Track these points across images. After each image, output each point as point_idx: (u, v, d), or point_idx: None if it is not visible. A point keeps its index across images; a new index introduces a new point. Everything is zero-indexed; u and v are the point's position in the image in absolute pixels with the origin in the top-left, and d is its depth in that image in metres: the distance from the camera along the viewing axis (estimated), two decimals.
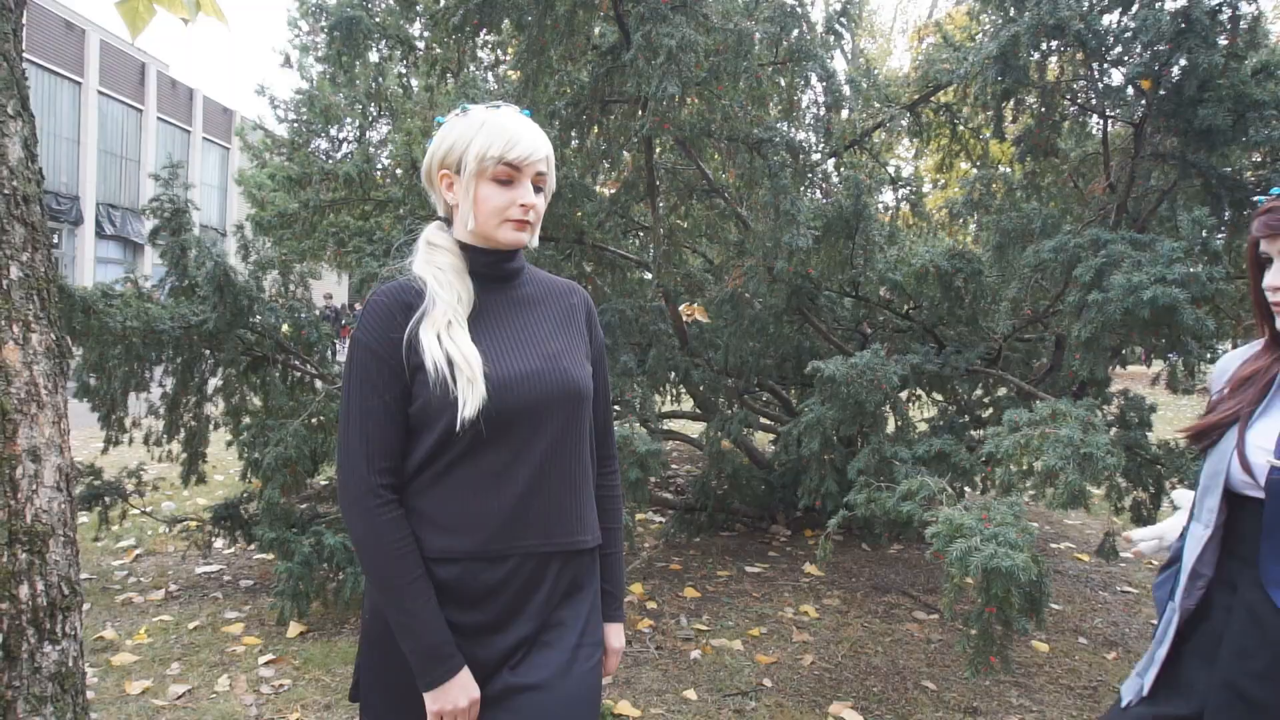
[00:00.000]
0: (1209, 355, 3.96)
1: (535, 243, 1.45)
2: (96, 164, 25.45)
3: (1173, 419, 10.34)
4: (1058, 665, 3.69)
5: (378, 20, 6.73)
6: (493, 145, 1.36)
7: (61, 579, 1.95)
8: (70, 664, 1.96)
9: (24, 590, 1.86)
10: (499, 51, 7.24)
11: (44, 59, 23.08)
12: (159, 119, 28.49)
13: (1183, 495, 1.58)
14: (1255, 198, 3.36)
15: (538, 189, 1.43)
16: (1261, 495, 1.29)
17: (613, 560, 1.58)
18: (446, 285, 1.38)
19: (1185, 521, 1.50)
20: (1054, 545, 5.64)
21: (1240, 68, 3.38)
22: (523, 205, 1.39)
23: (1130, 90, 3.66)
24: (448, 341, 1.33)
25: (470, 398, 1.30)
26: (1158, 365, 5.01)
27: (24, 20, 2.25)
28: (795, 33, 3.95)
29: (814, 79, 4.27)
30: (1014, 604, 2.18)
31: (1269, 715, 1.30)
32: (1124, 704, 1.49)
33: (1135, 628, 4.18)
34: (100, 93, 25.52)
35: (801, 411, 3.73)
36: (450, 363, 1.31)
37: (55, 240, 23.83)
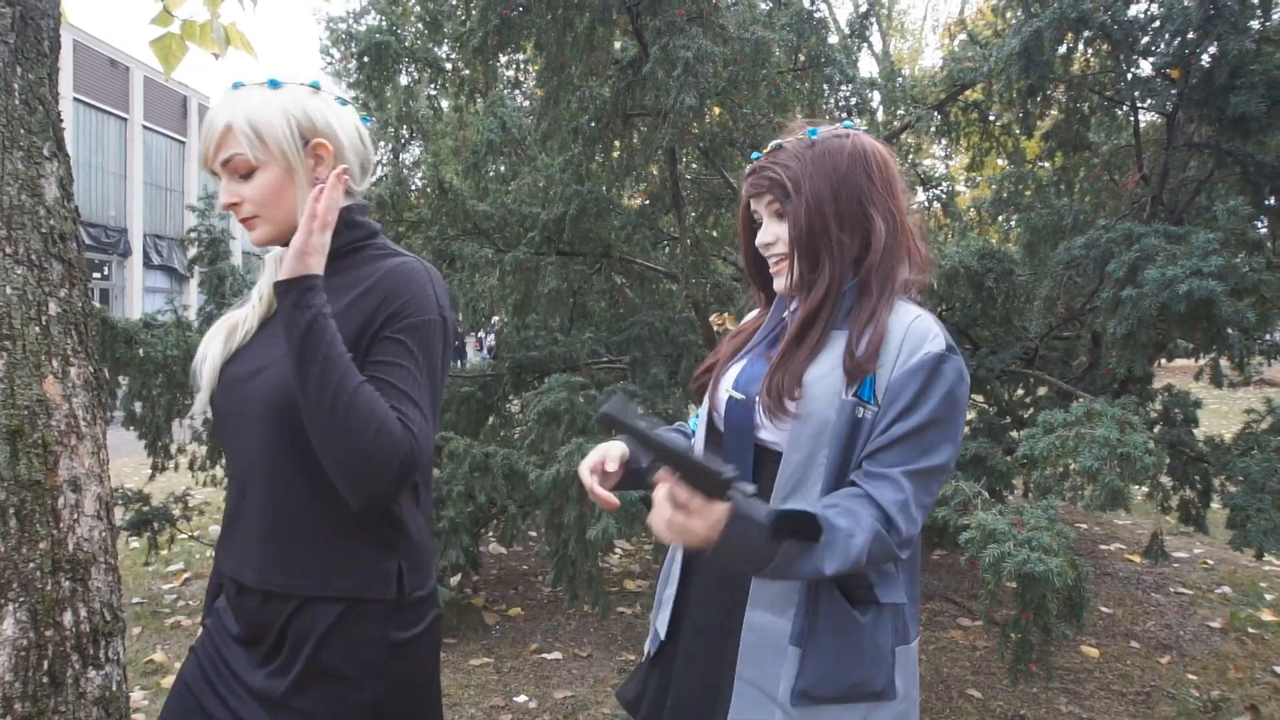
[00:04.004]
0: (1257, 347, 3.85)
1: (262, 236, 1.32)
2: (143, 196, 26.19)
3: (1226, 413, 10.05)
4: (1109, 671, 3.60)
5: (406, 44, 6.85)
6: None
7: (104, 605, 2.01)
8: (114, 689, 2.00)
9: (67, 617, 1.92)
10: (524, 69, 7.32)
11: (91, 97, 23.84)
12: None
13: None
14: None
15: (247, 174, 1.28)
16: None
17: None
18: (259, 282, 1.41)
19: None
20: (1104, 547, 5.51)
21: (1273, 53, 3.29)
22: (224, 205, 1.32)
23: (1160, 80, 3.58)
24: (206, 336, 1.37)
25: (199, 396, 1.34)
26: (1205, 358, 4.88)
27: (59, 65, 2.33)
28: (814, 39, 3.93)
29: (836, 84, 4.25)
30: (1051, 609, 2.13)
31: (707, 636, 1.34)
32: (647, 655, 1.48)
33: (1190, 630, 4.06)
34: (145, 127, 26.28)
35: None
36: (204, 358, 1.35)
37: (105, 272, 24.56)
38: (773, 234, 1.34)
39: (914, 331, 1.22)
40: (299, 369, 1.16)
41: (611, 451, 1.41)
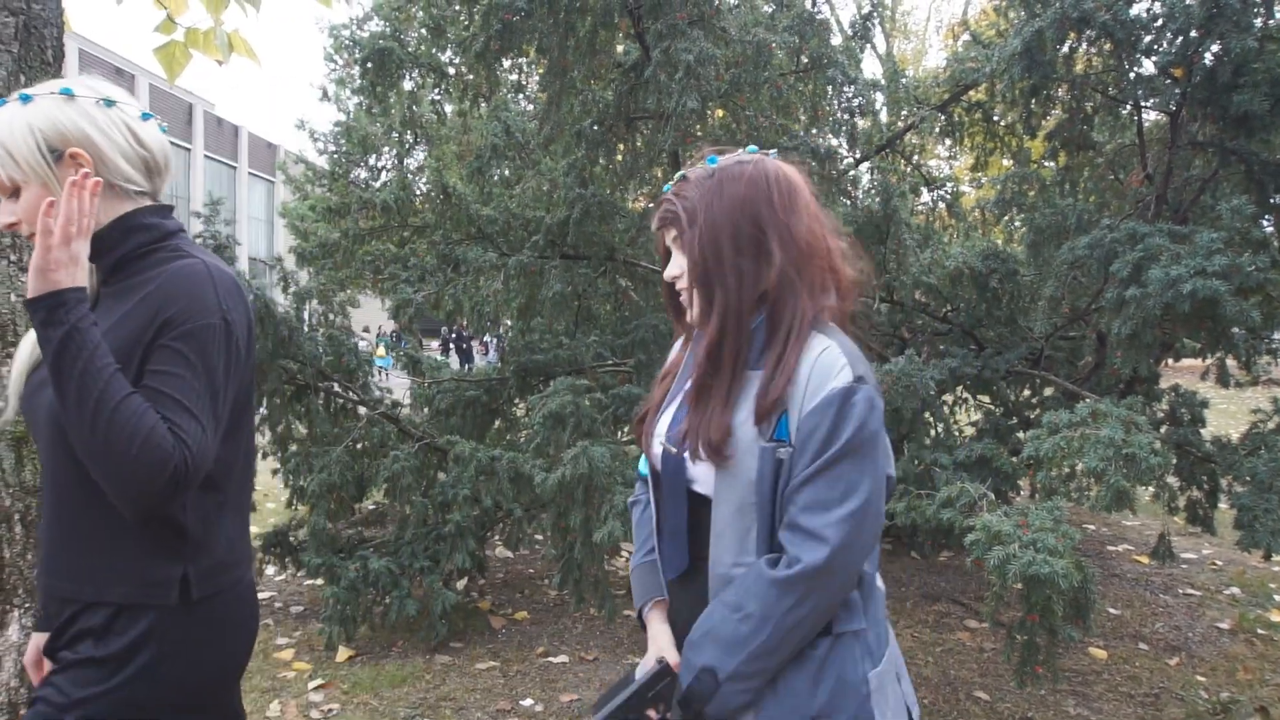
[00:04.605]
0: (1264, 346, 3.83)
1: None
2: None
3: (1234, 413, 10.01)
4: (1117, 672, 3.58)
5: (410, 50, 6.87)
6: None
7: None
8: None
9: None
10: (526, 74, 7.33)
11: None
12: (206, 156, 29.37)
13: None
14: None
15: (14, 193, 1.27)
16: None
17: None
18: None
19: None
20: (1111, 548, 5.49)
21: (1276, 51, 3.28)
22: (4, 225, 1.29)
23: (1163, 79, 3.57)
24: None
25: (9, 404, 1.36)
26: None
27: (64, 73, 2.34)
28: (815, 40, 3.93)
29: (838, 85, 4.24)
30: (1057, 611, 2.12)
31: None
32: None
33: (1199, 632, 4.04)
34: None
35: None
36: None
37: None
38: (678, 267, 1.32)
39: (820, 366, 1.20)
40: (56, 385, 1.16)
41: None
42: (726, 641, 1.20)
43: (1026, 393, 5.08)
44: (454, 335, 23.27)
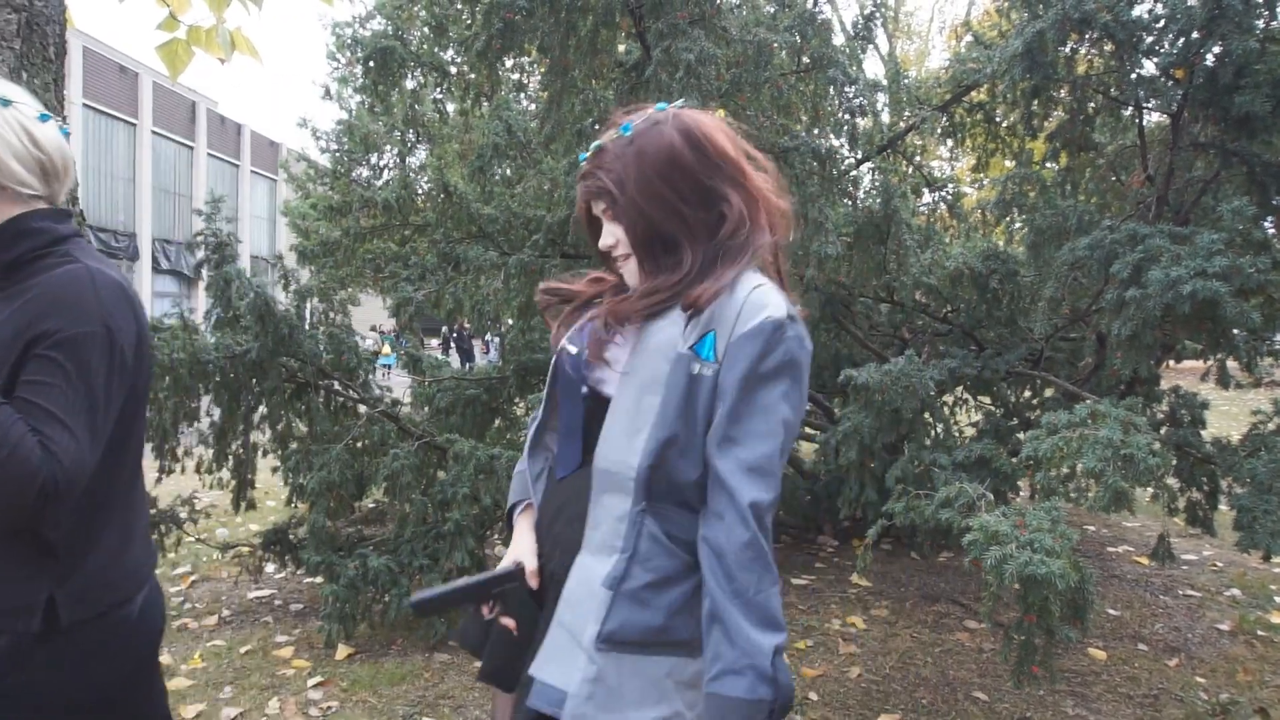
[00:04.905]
0: (1265, 348, 3.83)
1: None
2: (151, 201, 26.33)
3: (1236, 415, 10.00)
4: (1116, 673, 3.58)
5: (412, 48, 6.88)
6: None
7: None
8: None
9: None
10: (528, 73, 7.34)
11: (101, 103, 23.98)
12: (209, 155, 29.40)
13: None
14: None
15: None
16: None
17: None
18: None
19: None
20: (1111, 549, 5.49)
21: (1278, 52, 3.28)
22: None
23: (1164, 80, 3.57)
24: None
25: None
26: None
27: (67, 70, 2.34)
28: (816, 40, 3.93)
29: (840, 85, 4.24)
30: (1054, 611, 2.12)
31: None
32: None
33: (1198, 633, 4.04)
34: (154, 132, 26.44)
35: (840, 420, 3.69)
36: None
37: None
38: (612, 236, 1.34)
39: (756, 295, 1.24)
40: None
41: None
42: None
43: (1027, 394, 5.08)
44: (455, 334, 23.30)
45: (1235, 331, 3.09)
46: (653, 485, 1.23)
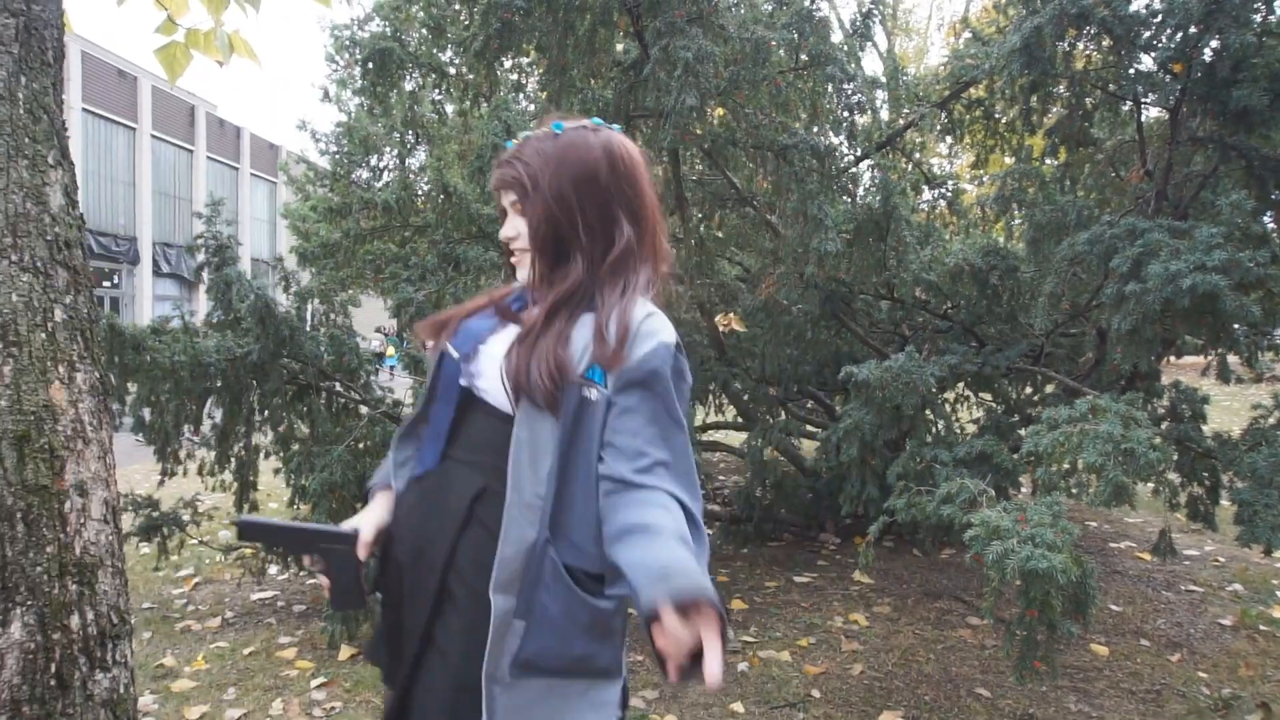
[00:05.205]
0: (1265, 342, 3.83)
1: None
2: (151, 205, 26.34)
3: (1237, 410, 9.99)
4: (1118, 669, 3.58)
5: (410, 50, 6.87)
6: None
7: (111, 608, 2.02)
8: (122, 691, 2.02)
9: (75, 620, 1.93)
10: (526, 73, 7.34)
11: (100, 107, 23.98)
12: (208, 158, 29.40)
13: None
14: None
15: None
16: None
17: None
18: None
19: None
20: (1113, 544, 5.49)
21: (1276, 46, 3.27)
22: None
23: (1162, 75, 3.57)
24: None
25: None
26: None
27: (66, 74, 2.35)
28: (814, 38, 3.93)
29: (838, 82, 4.24)
30: (1056, 606, 2.12)
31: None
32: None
33: (1200, 628, 4.04)
34: (153, 136, 26.44)
35: (842, 417, 3.69)
36: None
37: (115, 280, 24.70)
38: (514, 229, 1.35)
39: (649, 323, 1.26)
40: None
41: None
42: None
43: (1027, 390, 5.08)
44: None
45: (1235, 326, 3.09)
46: (555, 515, 1.24)
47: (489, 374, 1.32)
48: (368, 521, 1.41)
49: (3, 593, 1.86)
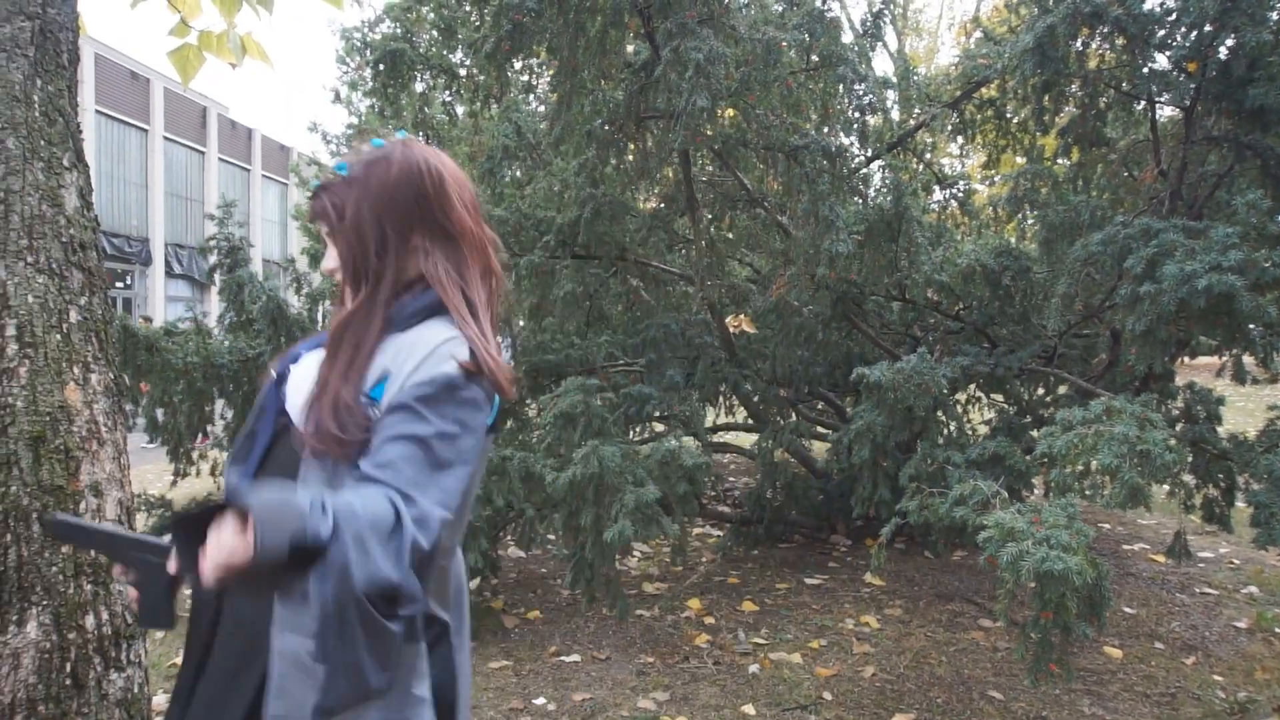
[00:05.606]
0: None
1: None
2: (164, 206, 26.48)
3: (1252, 410, 9.91)
4: (1133, 672, 3.56)
5: (421, 51, 6.89)
6: None
7: (125, 608, 2.03)
8: (136, 690, 2.03)
9: (90, 620, 1.94)
10: (537, 74, 7.35)
11: (113, 109, 24.13)
12: (220, 159, 29.53)
13: None
14: None
15: None
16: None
17: None
18: None
19: None
20: (1127, 547, 5.45)
21: None
22: None
23: (1177, 73, 3.55)
24: None
25: None
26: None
27: (80, 77, 2.36)
28: (825, 39, 3.93)
29: (849, 83, 4.24)
30: (1071, 608, 2.11)
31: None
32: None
33: (1216, 631, 4.01)
34: (166, 138, 26.58)
35: (853, 419, 3.68)
36: None
37: (128, 281, 24.85)
38: (331, 260, 1.30)
39: (441, 350, 1.18)
40: None
41: None
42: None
43: (1040, 391, 5.05)
44: None
45: (1251, 326, 3.06)
46: None
47: (293, 397, 1.26)
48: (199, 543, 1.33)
49: (19, 592, 1.88)
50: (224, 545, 0.94)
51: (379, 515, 1.01)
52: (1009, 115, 5.19)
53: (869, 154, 5.04)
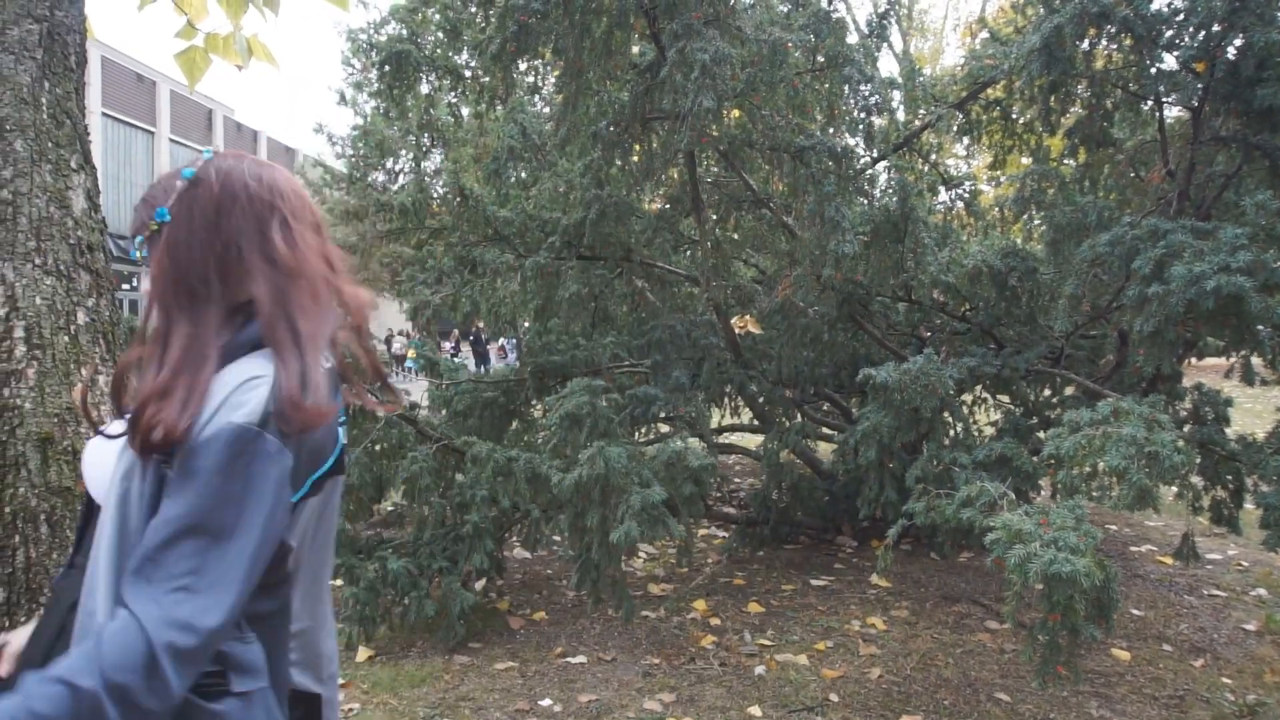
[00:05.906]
0: None
1: None
2: None
3: (1260, 412, 9.88)
4: (1140, 674, 3.54)
5: (426, 53, 6.89)
6: None
7: None
8: None
9: None
10: (542, 75, 7.35)
11: (119, 111, 24.24)
12: None
13: None
14: None
15: None
16: None
17: None
18: None
19: None
20: (1134, 549, 5.43)
21: None
22: None
23: (1185, 74, 3.54)
24: None
25: None
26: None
27: (87, 79, 2.37)
28: (831, 39, 3.92)
29: (855, 84, 4.23)
30: (1078, 610, 2.10)
31: None
32: None
33: (1224, 633, 3.99)
34: (172, 140, 26.69)
35: (859, 420, 3.67)
36: None
37: (135, 283, 24.93)
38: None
39: (234, 399, 1.03)
40: None
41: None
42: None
43: (1047, 392, 5.04)
44: (471, 336, 23.37)
45: (1260, 327, 3.05)
46: None
47: (87, 463, 1.17)
48: (22, 634, 1.23)
49: (27, 593, 1.88)
50: None
51: (127, 660, 0.92)
52: (1015, 116, 5.18)
53: (875, 155, 5.03)
